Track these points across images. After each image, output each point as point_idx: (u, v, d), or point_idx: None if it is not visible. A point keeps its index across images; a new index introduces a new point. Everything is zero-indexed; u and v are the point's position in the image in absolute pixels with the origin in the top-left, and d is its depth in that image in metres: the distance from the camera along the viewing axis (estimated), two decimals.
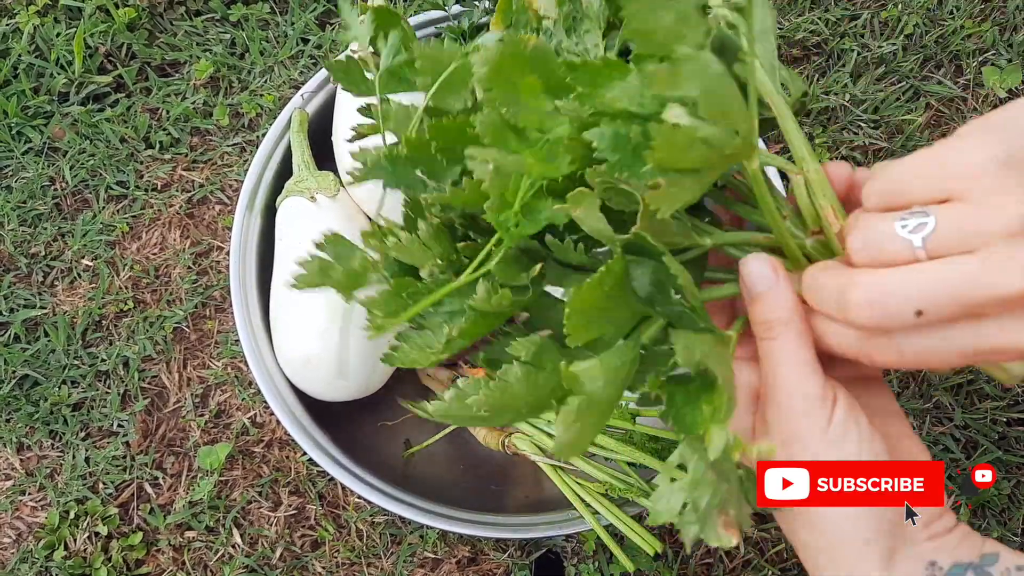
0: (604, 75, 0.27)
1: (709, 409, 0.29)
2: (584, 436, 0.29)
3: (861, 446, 0.30)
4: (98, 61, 0.81)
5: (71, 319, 0.76)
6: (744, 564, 0.71)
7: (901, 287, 0.25)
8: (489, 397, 0.29)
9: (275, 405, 0.60)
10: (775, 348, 0.31)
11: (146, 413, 0.75)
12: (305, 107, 0.65)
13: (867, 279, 0.26)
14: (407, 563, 0.71)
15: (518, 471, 0.67)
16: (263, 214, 0.64)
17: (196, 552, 0.71)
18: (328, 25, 0.84)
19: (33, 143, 0.80)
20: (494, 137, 0.29)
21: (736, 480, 0.30)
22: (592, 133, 0.27)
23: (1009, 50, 0.84)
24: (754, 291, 0.32)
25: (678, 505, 0.29)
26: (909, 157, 0.27)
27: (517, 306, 0.32)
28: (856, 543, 0.30)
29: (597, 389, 0.29)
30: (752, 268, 0.32)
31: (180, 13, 0.84)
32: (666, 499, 0.29)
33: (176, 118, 0.81)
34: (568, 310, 0.28)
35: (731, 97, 0.26)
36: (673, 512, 0.29)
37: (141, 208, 0.79)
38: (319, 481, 0.73)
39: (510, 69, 0.28)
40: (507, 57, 0.28)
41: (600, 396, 0.29)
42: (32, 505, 0.73)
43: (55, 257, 0.78)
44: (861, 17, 0.84)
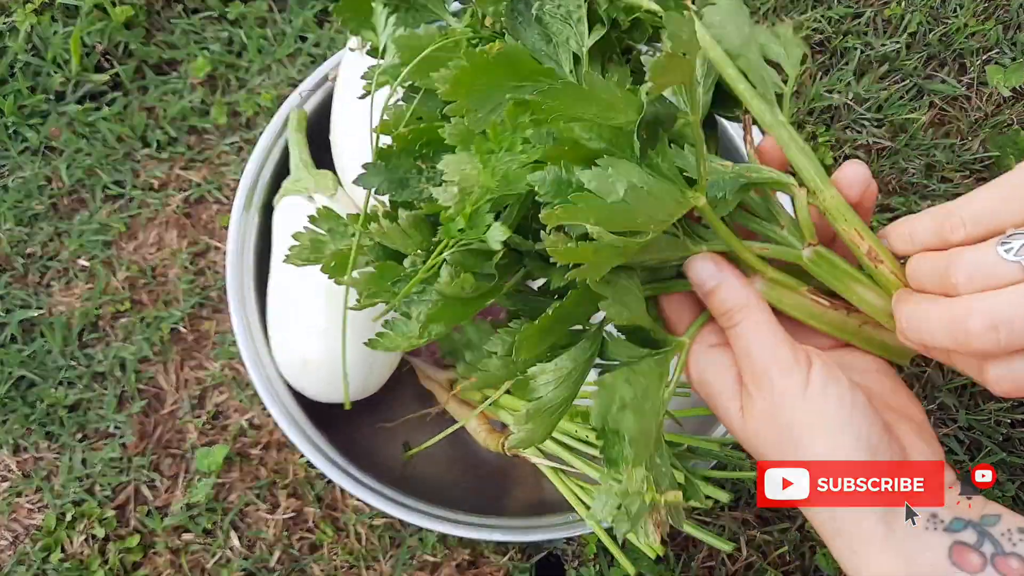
0: (567, 99, 0.28)
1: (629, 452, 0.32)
2: (538, 434, 0.33)
3: (842, 400, 0.31)
4: (95, 60, 0.81)
5: (67, 320, 0.75)
6: (747, 567, 0.71)
7: (1022, 302, 0.26)
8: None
9: (273, 407, 0.59)
10: (741, 331, 0.33)
11: (143, 415, 0.74)
12: (303, 106, 0.64)
13: (983, 304, 0.26)
14: (406, 566, 0.70)
15: (518, 473, 0.67)
16: (261, 213, 0.64)
17: (193, 555, 0.71)
18: (326, 23, 0.83)
19: (29, 142, 0.79)
20: (462, 144, 0.30)
21: (668, 481, 0.34)
22: (535, 177, 0.28)
23: (1013, 48, 0.83)
24: (704, 288, 0.34)
25: (613, 508, 0.32)
26: (985, 187, 0.28)
27: (483, 292, 0.33)
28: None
29: (548, 393, 0.33)
30: (697, 268, 0.34)
31: (177, 11, 0.83)
32: (603, 501, 0.33)
33: (173, 117, 0.80)
34: (516, 341, 0.31)
35: (656, 195, 0.28)
36: (609, 513, 0.32)
37: (138, 208, 0.78)
38: (317, 483, 0.72)
39: (472, 80, 0.29)
40: (468, 71, 0.29)
41: (551, 399, 0.33)
42: (28, 507, 0.72)
43: (51, 257, 0.77)
44: (864, 15, 0.84)
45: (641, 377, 0.34)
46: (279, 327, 0.60)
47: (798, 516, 0.72)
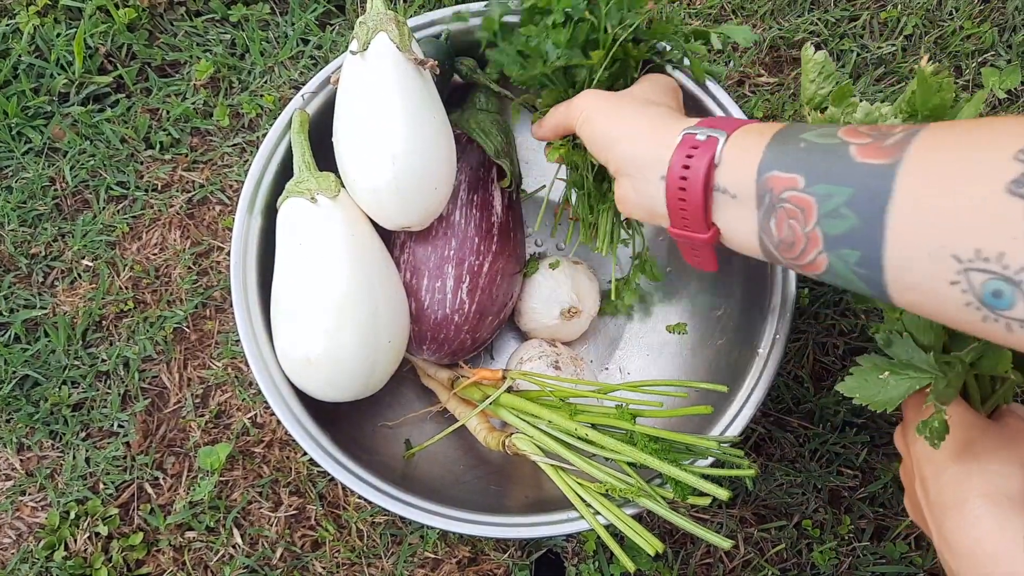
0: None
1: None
2: None
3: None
4: (98, 61, 0.81)
5: (71, 319, 0.76)
6: (744, 564, 0.72)
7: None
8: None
9: (276, 405, 0.60)
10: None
11: (146, 413, 0.75)
12: (305, 108, 0.65)
13: None
14: (407, 563, 0.71)
15: (518, 471, 0.67)
16: (264, 215, 0.64)
17: (196, 552, 0.71)
18: (328, 25, 0.84)
19: (33, 143, 0.80)
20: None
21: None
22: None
23: (1008, 51, 0.84)
24: None
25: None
26: None
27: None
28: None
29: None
30: None
31: (180, 13, 0.84)
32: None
33: (176, 118, 0.81)
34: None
35: None
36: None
37: (141, 208, 0.79)
38: (319, 481, 0.73)
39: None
40: None
41: None
42: (32, 505, 0.73)
43: (55, 257, 0.78)
44: (860, 18, 0.84)
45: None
46: (282, 327, 0.60)
47: (795, 514, 0.73)
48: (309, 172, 0.62)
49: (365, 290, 0.59)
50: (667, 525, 0.71)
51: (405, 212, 0.61)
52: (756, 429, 0.74)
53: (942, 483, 0.41)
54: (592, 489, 0.57)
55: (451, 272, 0.64)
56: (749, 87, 0.83)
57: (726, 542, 0.53)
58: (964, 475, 0.41)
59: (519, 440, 0.61)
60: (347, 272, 0.59)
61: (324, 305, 0.58)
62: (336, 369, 0.59)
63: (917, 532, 0.72)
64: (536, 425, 0.60)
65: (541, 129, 0.57)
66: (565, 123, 0.53)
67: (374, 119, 0.59)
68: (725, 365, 0.68)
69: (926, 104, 0.49)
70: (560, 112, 0.54)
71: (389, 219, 0.62)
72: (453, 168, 0.63)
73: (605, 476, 0.56)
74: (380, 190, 0.60)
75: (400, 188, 0.59)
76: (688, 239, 0.45)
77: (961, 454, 0.41)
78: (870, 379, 0.48)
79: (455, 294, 0.64)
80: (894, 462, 0.73)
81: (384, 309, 0.60)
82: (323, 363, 0.58)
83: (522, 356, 0.69)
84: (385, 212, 0.61)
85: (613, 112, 0.49)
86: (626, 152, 0.47)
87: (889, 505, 0.73)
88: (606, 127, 0.49)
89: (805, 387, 0.75)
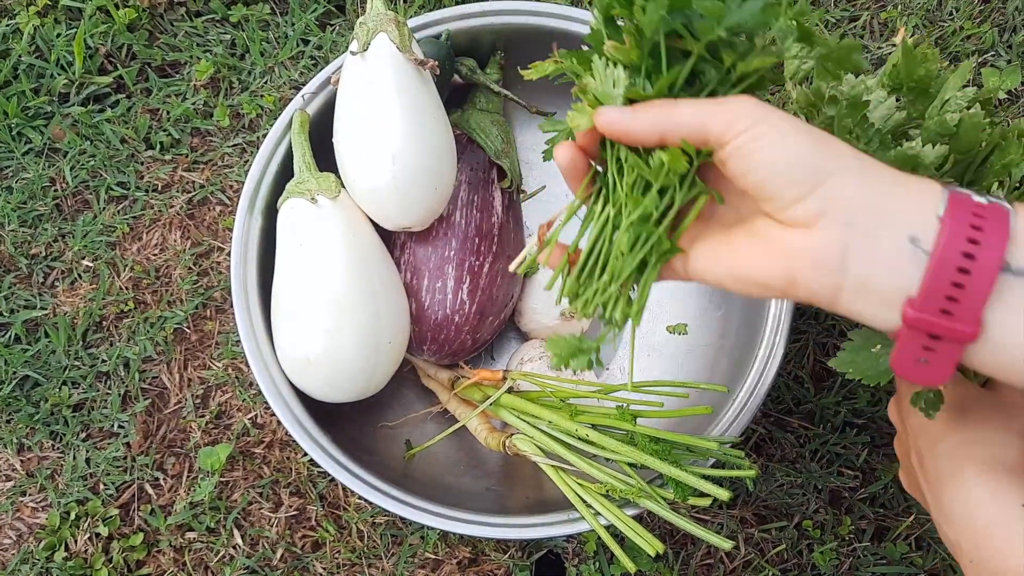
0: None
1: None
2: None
3: None
4: (98, 62, 0.81)
5: (71, 320, 0.76)
6: (745, 564, 0.72)
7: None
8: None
9: (276, 406, 0.60)
10: None
11: (147, 414, 0.75)
12: (306, 108, 0.65)
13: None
14: (408, 564, 0.71)
15: (519, 472, 0.67)
16: (264, 215, 0.64)
17: (197, 553, 0.71)
18: (328, 26, 0.84)
19: (33, 144, 0.80)
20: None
21: None
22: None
23: (1008, 51, 0.84)
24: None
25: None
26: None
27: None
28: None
29: None
30: None
31: (180, 14, 0.84)
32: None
33: (176, 119, 0.81)
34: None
35: None
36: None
37: (142, 209, 0.79)
38: (320, 482, 0.73)
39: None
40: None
41: None
42: (33, 506, 0.73)
43: (55, 258, 0.78)
44: (861, 18, 0.84)
45: None
46: (282, 327, 0.60)
47: (796, 514, 0.72)
48: (309, 172, 0.62)
49: (365, 291, 0.59)
50: (668, 526, 0.71)
51: (405, 212, 0.61)
52: (756, 430, 0.74)
53: (938, 454, 0.41)
54: (593, 490, 0.57)
55: (451, 273, 0.64)
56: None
57: (727, 543, 0.53)
58: (960, 445, 0.40)
59: (520, 441, 0.61)
60: (347, 272, 0.59)
61: (324, 305, 0.58)
62: (336, 370, 0.59)
63: (918, 533, 0.72)
64: (537, 426, 0.60)
65: (634, 120, 0.36)
66: (699, 127, 0.35)
67: (374, 119, 0.59)
68: (726, 365, 0.68)
69: (911, 76, 0.48)
70: (688, 112, 0.35)
71: (389, 219, 0.62)
72: (453, 169, 0.63)
73: (606, 477, 0.56)
74: (380, 190, 0.60)
75: (400, 188, 0.59)
76: (937, 333, 0.32)
77: (956, 424, 0.41)
78: (863, 353, 0.47)
79: (455, 295, 0.64)
80: (895, 463, 0.73)
81: (384, 310, 0.60)
82: (323, 364, 0.58)
83: (523, 357, 0.69)
84: (385, 212, 0.61)
85: (815, 133, 0.34)
86: (847, 192, 0.33)
87: (890, 506, 0.73)
88: (809, 152, 0.33)
89: (805, 387, 0.75)
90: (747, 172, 0.34)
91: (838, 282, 0.33)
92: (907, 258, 0.32)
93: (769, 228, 0.35)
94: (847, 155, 0.34)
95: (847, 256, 0.32)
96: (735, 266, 0.36)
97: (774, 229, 0.35)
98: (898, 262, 0.32)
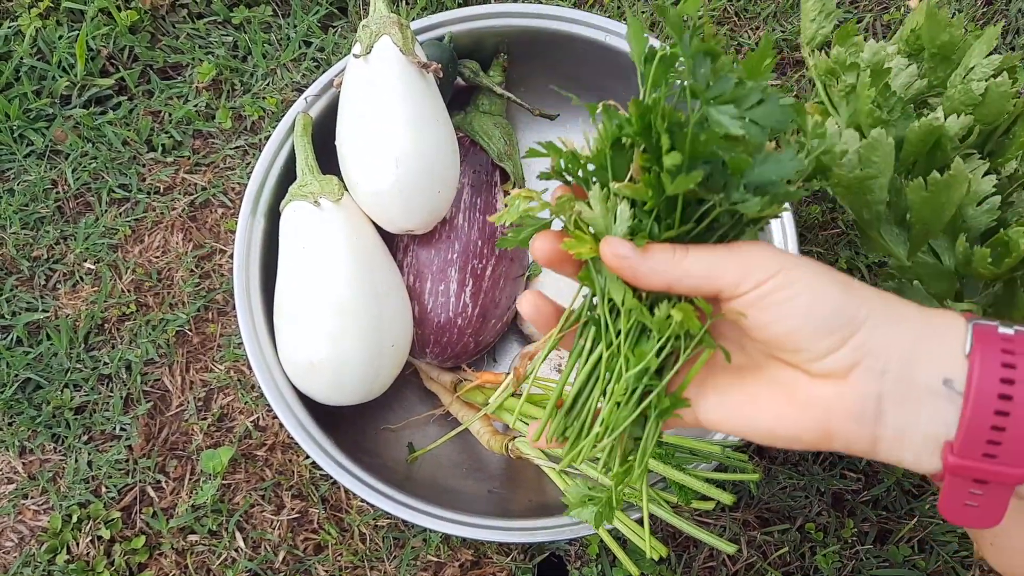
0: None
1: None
2: None
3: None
4: (100, 64, 0.81)
5: (73, 322, 0.76)
6: (748, 567, 0.71)
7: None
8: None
9: (278, 409, 0.60)
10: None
11: (148, 417, 0.74)
12: (308, 110, 0.65)
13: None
14: (410, 567, 0.71)
15: (521, 475, 0.67)
16: (267, 217, 0.64)
17: (199, 556, 0.71)
18: (330, 28, 0.83)
19: (35, 146, 0.80)
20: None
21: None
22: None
23: (1011, 52, 0.84)
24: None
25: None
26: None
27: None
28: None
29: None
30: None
31: (182, 16, 0.84)
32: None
33: (178, 121, 0.81)
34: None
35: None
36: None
37: (143, 211, 0.79)
38: (322, 485, 0.73)
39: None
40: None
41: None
42: (35, 509, 0.73)
43: (57, 260, 0.78)
44: (864, 20, 0.84)
45: None
46: (285, 330, 0.60)
47: (798, 517, 0.72)
48: (312, 175, 0.62)
49: (368, 294, 0.59)
50: (670, 529, 0.71)
51: (408, 215, 0.61)
52: None
53: None
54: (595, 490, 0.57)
55: (454, 275, 0.64)
56: None
57: (729, 546, 0.53)
58: None
59: (522, 443, 0.61)
60: (350, 276, 0.59)
61: (327, 309, 0.58)
62: (339, 373, 0.59)
63: (920, 535, 0.72)
64: None
65: (643, 264, 0.33)
66: (713, 280, 0.33)
67: (377, 122, 0.59)
68: None
69: (933, 41, 0.45)
70: (702, 264, 0.33)
71: (392, 222, 0.62)
72: (456, 171, 0.63)
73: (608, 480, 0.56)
74: (383, 193, 0.59)
75: (403, 191, 0.59)
76: (982, 478, 0.31)
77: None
78: None
79: (458, 297, 0.64)
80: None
81: (387, 313, 0.60)
82: (326, 367, 0.58)
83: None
84: (388, 215, 0.61)
85: (840, 278, 0.32)
86: (879, 339, 0.31)
87: (892, 508, 0.73)
88: (842, 301, 0.31)
89: None
90: (771, 323, 0.32)
91: (876, 432, 0.31)
92: (944, 402, 0.31)
93: (796, 379, 0.33)
94: (873, 299, 0.32)
95: (883, 406, 0.31)
96: (760, 419, 0.34)
97: (802, 380, 0.33)
98: (935, 407, 0.31)
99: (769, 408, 0.33)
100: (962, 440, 0.30)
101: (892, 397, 0.31)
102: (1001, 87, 0.46)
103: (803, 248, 0.76)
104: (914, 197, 0.46)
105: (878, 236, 0.50)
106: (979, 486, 0.31)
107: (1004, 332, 0.31)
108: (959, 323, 0.32)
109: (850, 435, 0.32)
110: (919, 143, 0.47)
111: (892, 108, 0.47)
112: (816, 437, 0.32)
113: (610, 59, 0.68)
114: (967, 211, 0.48)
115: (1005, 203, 0.50)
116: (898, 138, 0.48)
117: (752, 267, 0.32)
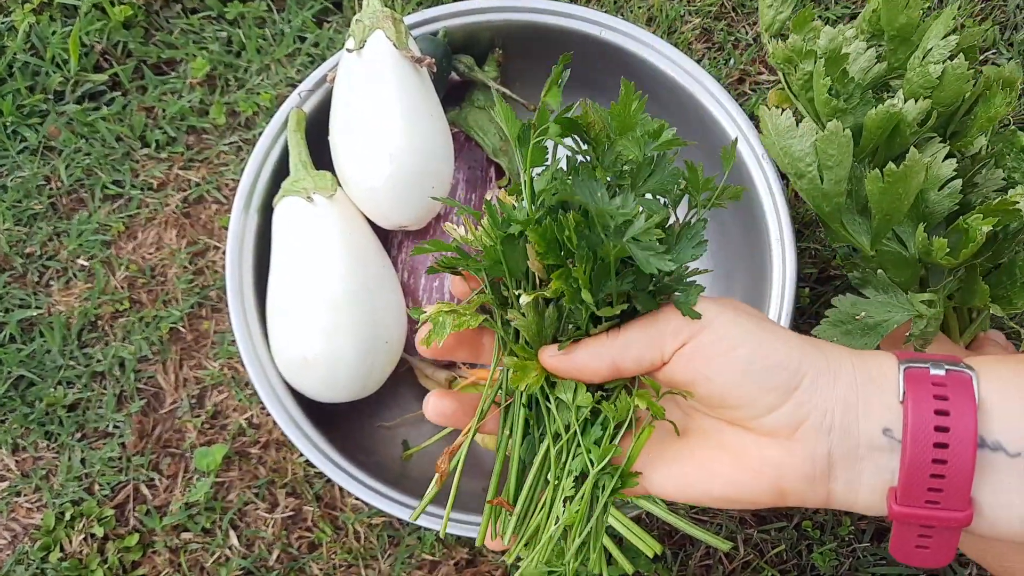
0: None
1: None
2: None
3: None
4: (94, 59, 0.81)
5: (66, 319, 0.75)
6: (744, 565, 0.71)
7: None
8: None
9: (272, 406, 0.59)
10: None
11: (142, 414, 0.74)
12: (302, 106, 0.65)
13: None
14: (405, 565, 0.71)
15: None
16: (260, 213, 0.64)
17: (192, 554, 0.71)
18: (325, 23, 0.83)
19: (28, 142, 0.79)
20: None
21: None
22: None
23: (1010, 49, 0.83)
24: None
25: None
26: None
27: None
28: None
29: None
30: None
31: (176, 11, 0.83)
32: None
33: (172, 117, 0.80)
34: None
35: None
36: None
37: (137, 207, 0.78)
38: (316, 482, 0.73)
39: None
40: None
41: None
42: (27, 506, 0.72)
43: (50, 257, 0.77)
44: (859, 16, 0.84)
45: None
46: (278, 326, 0.60)
47: (795, 515, 0.72)
48: (306, 171, 0.62)
49: (362, 290, 0.59)
50: (666, 526, 0.71)
51: (402, 211, 0.60)
52: None
53: None
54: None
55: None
56: (749, 85, 0.82)
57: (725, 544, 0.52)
58: None
59: None
60: (344, 272, 0.58)
61: (321, 305, 0.58)
62: (333, 369, 0.58)
63: None
64: None
65: (588, 365, 0.35)
66: (653, 351, 0.33)
67: (371, 117, 0.58)
68: None
69: (892, 23, 0.45)
70: (634, 337, 0.34)
71: (386, 218, 0.61)
72: (451, 167, 0.63)
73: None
74: (377, 189, 0.59)
75: (397, 187, 0.59)
76: (926, 522, 0.31)
77: None
78: (846, 321, 0.46)
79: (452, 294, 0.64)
80: None
81: (382, 309, 0.60)
82: (320, 363, 0.58)
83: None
84: (382, 211, 0.61)
85: (768, 327, 0.33)
86: (821, 393, 0.31)
87: None
88: (784, 351, 0.32)
89: None
90: (706, 379, 0.32)
91: (829, 488, 0.32)
92: (886, 452, 0.31)
93: (743, 441, 0.33)
94: (810, 350, 0.32)
95: (832, 462, 0.31)
96: (713, 487, 0.34)
97: (749, 441, 0.33)
98: (879, 457, 0.31)
99: (721, 475, 0.34)
100: (903, 488, 0.30)
101: (839, 452, 0.31)
102: (958, 69, 0.45)
103: (800, 245, 0.76)
104: (872, 188, 0.45)
105: (840, 227, 0.49)
106: (927, 530, 0.31)
107: (935, 374, 0.31)
108: (892, 367, 0.32)
109: (804, 493, 0.32)
110: (877, 130, 0.46)
111: (851, 95, 0.46)
112: (771, 498, 0.33)
113: (605, 54, 0.67)
114: (929, 196, 0.47)
115: (969, 184, 0.48)
116: (857, 125, 0.47)
117: (673, 329, 0.33)
